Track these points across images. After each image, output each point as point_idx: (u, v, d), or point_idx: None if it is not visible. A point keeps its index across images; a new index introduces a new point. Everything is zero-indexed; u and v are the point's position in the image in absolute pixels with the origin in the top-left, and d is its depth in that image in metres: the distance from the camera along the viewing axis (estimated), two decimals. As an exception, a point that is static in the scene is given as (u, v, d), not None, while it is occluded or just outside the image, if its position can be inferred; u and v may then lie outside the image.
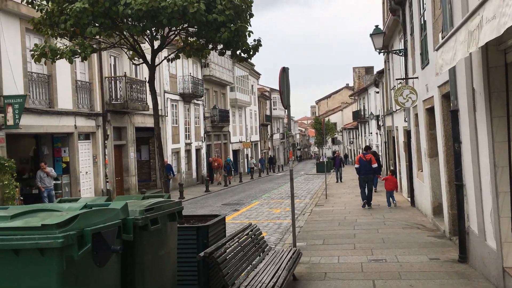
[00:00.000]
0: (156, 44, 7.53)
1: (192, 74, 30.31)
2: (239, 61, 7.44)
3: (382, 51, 19.98)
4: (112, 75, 20.41)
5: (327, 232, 10.69)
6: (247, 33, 6.67)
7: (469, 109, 6.40)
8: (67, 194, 17.27)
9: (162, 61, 8.06)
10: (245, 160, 42.15)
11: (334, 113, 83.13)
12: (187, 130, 30.09)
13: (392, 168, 19.47)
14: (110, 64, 20.62)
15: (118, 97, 20.01)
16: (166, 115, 26.12)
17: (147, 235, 3.81)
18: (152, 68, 7.33)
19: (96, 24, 6.67)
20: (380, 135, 38.14)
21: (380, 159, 27.02)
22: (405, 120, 14.95)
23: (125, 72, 20.34)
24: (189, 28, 6.99)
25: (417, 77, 11.58)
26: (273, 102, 65.47)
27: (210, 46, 7.10)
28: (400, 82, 15.75)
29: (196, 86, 30.11)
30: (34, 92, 15.52)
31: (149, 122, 23.99)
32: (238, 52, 7.07)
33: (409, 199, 15.38)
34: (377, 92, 35.26)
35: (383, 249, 8.49)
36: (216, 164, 32.78)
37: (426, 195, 11.66)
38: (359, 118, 52.67)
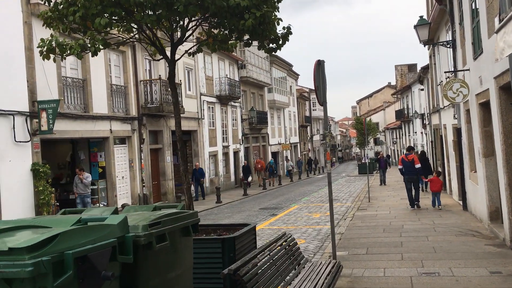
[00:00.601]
0: (176, 37, 6.93)
1: (228, 76, 29.91)
2: (268, 52, 6.77)
3: (428, 44, 18.84)
4: (148, 78, 20.21)
5: (370, 239, 9.85)
6: (275, 21, 5.98)
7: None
8: (104, 199, 17.12)
9: (183, 55, 7.42)
10: (284, 162, 41.36)
11: (376, 113, 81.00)
12: (224, 132, 29.69)
13: (439, 169, 18.29)
14: (145, 67, 20.43)
15: (154, 100, 19.78)
16: (202, 117, 25.80)
17: (152, 255, 3.20)
18: (172, 63, 6.79)
19: (106, 15, 6.15)
20: (426, 134, 36.51)
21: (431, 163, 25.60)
22: (454, 117, 13.84)
23: (159, 75, 20.09)
24: (209, 17, 6.35)
25: (468, 69, 10.56)
26: (313, 103, 64.31)
27: (235, 36, 6.42)
28: (448, 77, 14.64)
29: (232, 88, 29.68)
30: (69, 97, 15.43)
31: (185, 125, 23.70)
32: (266, 42, 6.38)
33: (461, 202, 14.23)
34: (422, 90, 33.72)
35: (435, 260, 7.59)
36: (259, 166, 33.00)
37: (481, 199, 10.60)
38: (403, 117, 50.82)
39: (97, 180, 17.01)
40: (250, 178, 29.07)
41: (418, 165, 14.88)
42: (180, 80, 22.25)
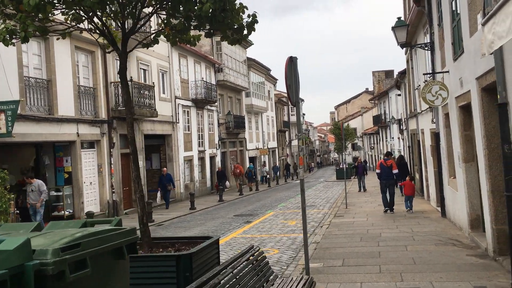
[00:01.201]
0: (129, 27, 6.25)
1: (204, 79, 29.27)
2: (232, 43, 6.18)
3: (406, 46, 18.58)
4: (118, 79, 19.40)
5: (347, 249, 9.34)
6: (239, 10, 5.39)
7: (526, 101, 5.04)
8: (70, 206, 16.27)
9: (136, 46, 6.74)
10: (262, 167, 40.78)
11: (354, 118, 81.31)
12: (200, 137, 28.99)
13: (412, 174, 18.54)
14: (116, 68, 19.63)
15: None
16: (177, 121, 25.07)
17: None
18: (123, 55, 6.10)
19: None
20: (403, 139, 36.49)
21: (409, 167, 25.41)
22: (432, 121, 13.52)
23: (131, 77, 19.33)
24: (164, 3, 5.70)
25: (447, 71, 10.19)
26: (291, 108, 64.09)
27: (193, 25, 5.79)
28: (426, 80, 14.32)
29: (209, 92, 29.04)
30: (31, 98, 14.58)
31: (159, 129, 22.98)
32: (229, 32, 5.77)
33: (439, 208, 13.89)
34: (399, 95, 33.69)
35: (414, 273, 7.10)
36: (238, 171, 32.61)
37: (461, 206, 10.21)
38: (380, 122, 50.94)
39: (62, 186, 16.16)
40: (227, 184, 28.21)
41: (395, 171, 15.30)
42: (153, 83, 21.54)
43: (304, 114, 79.87)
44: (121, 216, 18.42)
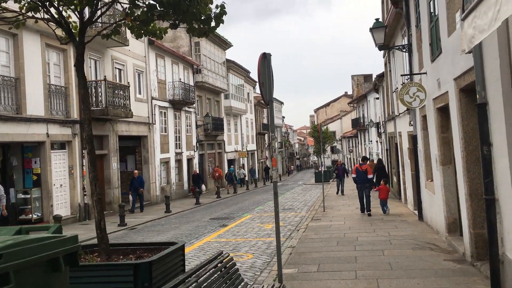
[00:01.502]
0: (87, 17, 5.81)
1: (182, 80, 28.82)
2: (198, 36, 5.87)
3: (383, 48, 18.53)
4: (93, 79, 18.86)
5: (323, 254, 9.08)
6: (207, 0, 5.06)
7: (506, 100, 4.85)
8: (38, 209, 15.66)
9: (94, 37, 6.29)
10: (239, 170, 40.28)
11: (333, 122, 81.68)
12: (177, 139, 28.51)
13: (388, 178, 18.58)
14: (90, 67, 19.09)
15: (98, 103, 18.45)
16: (153, 122, 24.57)
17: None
18: (80, 46, 5.68)
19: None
20: (381, 143, 36.63)
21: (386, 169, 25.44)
22: (410, 124, 13.40)
23: (105, 76, 18.81)
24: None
25: (425, 73, 10.05)
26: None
27: (156, 15, 5.42)
28: (403, 82, 14.23)
29: (187, 93, 28.59)
30: (-2, 97, 13.98)
31: (134, 130, 22.47)
32: (195, 24, 5.45)
33: (416, 212, 13.78)
34: (377, 98, 33.81)
35: (391, 279, 6.87)
36: (217, 174, 32.44)
37: (438, 209, 10.07)
38: (359, 126, 51.18)
39: (30, 188, 15.55)
40: (203, 187, 27.58)
41: (370, 176, 15.68)
42: (129, 82, 21.03)
43: (283, 117, 79.87)
44: (93, 219, 17.83)
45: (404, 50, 12.65)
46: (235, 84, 41.54)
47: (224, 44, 37.00)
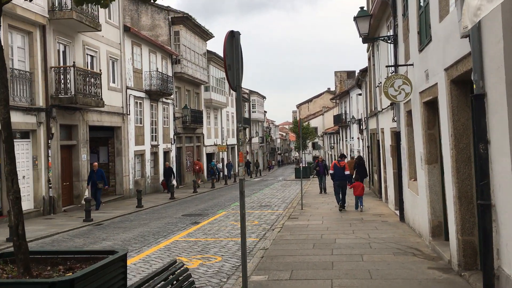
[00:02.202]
0: None
1: (160, 70, 27.78)
2: (144, 1, 5.06)
3: (367, 41, 17.86)
4: (62, 65, 17.77)
5: (297, 258, 8.34)
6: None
7: (510, 91, 4.13)
8: (-3, 202, 14.61)
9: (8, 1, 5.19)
10: (217, 165, 39.38)
11: (315, 117, 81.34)
12: (154, 130, 27.50)
13: (357, 175, 18.11)
14: (59, 51, 17.99)
15: (67, 90, 17.38)
16: (128, 113, 23.53)
17: None
18: None
19: None
20: (362, 139, 36.18)
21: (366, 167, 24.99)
22: (393, 119, 12.76)
23: (73, 62, 17.74)
24: None
25: (412, 64, 9.37)
26: (252, 104, 63.28)
27: None
28: (388, 76, 13.58)
29: (164, 83, 27.58)
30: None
31: (107, 121, 21.43)
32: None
33: (397, 212, 13.18)
34: (360, 94, 33.32)
35: (371, 290, 6.17)
36: (197, 167, 32.41)
37: (421, 211, 9.43)
38: (341, 122, 50.73)
39: (-12, 179, 14.47)
40: (174, 182, 26.33)
41: (347, 172, 15.83)
42: (101, 70, 19.96)
43: (265, 111, 79.13)
44: (59, 213, 16.87)
45: (389, 41, 11.97)
46: (216, 76, 40.58)
47: (205, 34, 35.98)
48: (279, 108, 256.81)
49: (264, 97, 72.23)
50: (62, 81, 17.42)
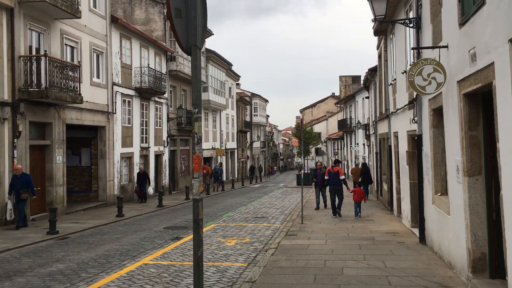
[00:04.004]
0: None
1: (153, 67, 25.75)
2: None
3: (380, 33, 15.89)
4: (30, 53, 15.73)
5: (293, 298, 6.22)
6: None
7: None
8: None
9: None
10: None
11: (319, 122, 79.23)
12: (144, 132, 25.45)
13: (359, 180, 18.66)
14: (32, 39, 15.97)
15: (39, 83, 15.35)
16: (114, 111, 21.48)
17: None
18: None
19: None
20: (368, 145, 34.05)
21: (372, 173, 23.11)
22: (412, 121, 10.63)
23: (45, 51, 15.69)
24: None
25: (446, 46, 7.25)
26: (254, 108, 61.24)
27: None
28: (412, 63, 11.48)
29: (158, 81, 25.55)
30: None
31: (88, 119, 19.37)
32: None
33: (416, 231, 11.05)
34: (367, 97, 31.26)
35: None
36: (204, 171, 31.42)
37: (454, 236, 7.31)
38: (345, 127, 48.68)
39: None
40: (150, 190, 23.36)
41: (342, 177, 15.80)
42: (79, 62, 17.92)
43: (268, 115, 77.06)
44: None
45: (410, 25, 9.86)
46: (215, 76, 38.56)
47: (203, 31, 33.95)
48: (283, 114, 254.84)
49: (266, 101, 70.17)
50: (34, 73, 15.39)
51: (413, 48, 9.20)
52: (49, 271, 8.41)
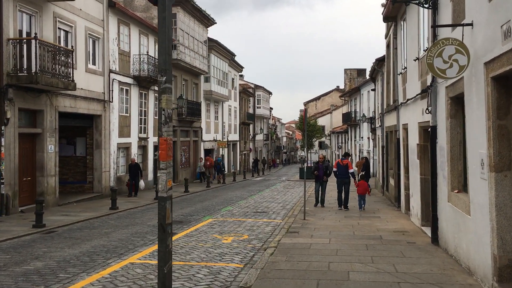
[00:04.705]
0: None
1: (152, 55, 24.90)
2: None
3: (389, 19, 15.05)
4: (20, 36, 14.92)
5: (293, 309, 5.43)
6: None
7: None
8: None
9: None
10: (199, 162, 35.68)
11: (323, 116, 78.29)
12: (142, 121, 24.67)
13: (362, 173, 18.24)
14: (23, 22, 15.15)
15: (30, 67, 14.55)
16: (110, 100, 20.67)
17: None
18: None
19: None
20: (373, 139, 33.18)
21: (371, 168, 22.54)
22: (426, 111, 9.78)
23: (35, 33, 14.87)
24: None
25: (470, 23, 6.39)
26: (258, 100, 60.33)
27: None
28: (416, 59, 10.64)
29: (157, 69, 24.63)
30: None
31: (83, 108, 18.59)
32: None
33: (427, 230, 10.26)
34: (373, 90, 30.30)
35: None
36: (208, 163, 32.21)
37: (475, 239, 6.50)
38: (350, 120, 47.79)
39: None
40: (142, 183, 21.40)
41: (351, 170, 15.76)
42: (72, 46, 17.11)
43: (271, 108, 76.08)
44: (13, 214, 14.07)
45: (426, 5, 8.99)
46: (218, 66, 37.66)
47: (205, 20, 33.04)
48: (287, 107, 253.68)
49: (270, 93, 69.20)
50: (25, 57, 14.58)
51: (432, 26, 8.31)
52: (25, 270, 7.65)
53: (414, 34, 11.58)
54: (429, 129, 9.80)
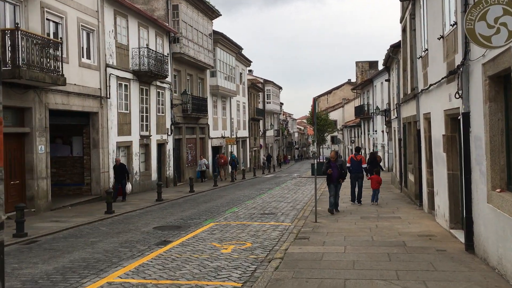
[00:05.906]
0: None
1: (154, 49, 23.63)
2: None
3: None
4: (4, 27, 13.72)
5: None
6: None
7: None
8: None
9: None
10: (200, 160, 34.08)
11: (335, 110, 76.65)
12: (145, 119, 23.45)
13: (376, 169, 17.21)
14: (6, 12, 13.96)
15: (14, 61, 13.35)
16: (107, 96, 19.45)
17: None
18: None
19: None
20: (387, 132, 31.64)
21: (386, 163, 21.08)
22: (456, 95, 8.31)
23: (16, 23, 13.64)
24: None
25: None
26: (267, 95, 58.90)
27: None
28: (441, 37, 9.19)
29: (159, 64, 23.45)
30: None
31: (77, 105, 17.39)
32: None
33: (457, 234, 8.82)
34: (387, 80, 28.73)
35: None
36: (222, 161, 32.58)
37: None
38: (362, 114, 46.18)
39: None
40: (128, 186, 19.01)
41: (364, 165, 15.73)
42: (61, 38, 15.87)
43: (282, 103, 74.56)
44: (-2, 222, 12.86)
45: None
46: (224, 60, 36.31)
47: (210, 12, 31.71)
48: (298, 103, 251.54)
49: (280, 88, 67.70)
50: (9, 50, 13.39)
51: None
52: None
53: (437, 9, 10.12)
54: (459, 117, 8.37)
